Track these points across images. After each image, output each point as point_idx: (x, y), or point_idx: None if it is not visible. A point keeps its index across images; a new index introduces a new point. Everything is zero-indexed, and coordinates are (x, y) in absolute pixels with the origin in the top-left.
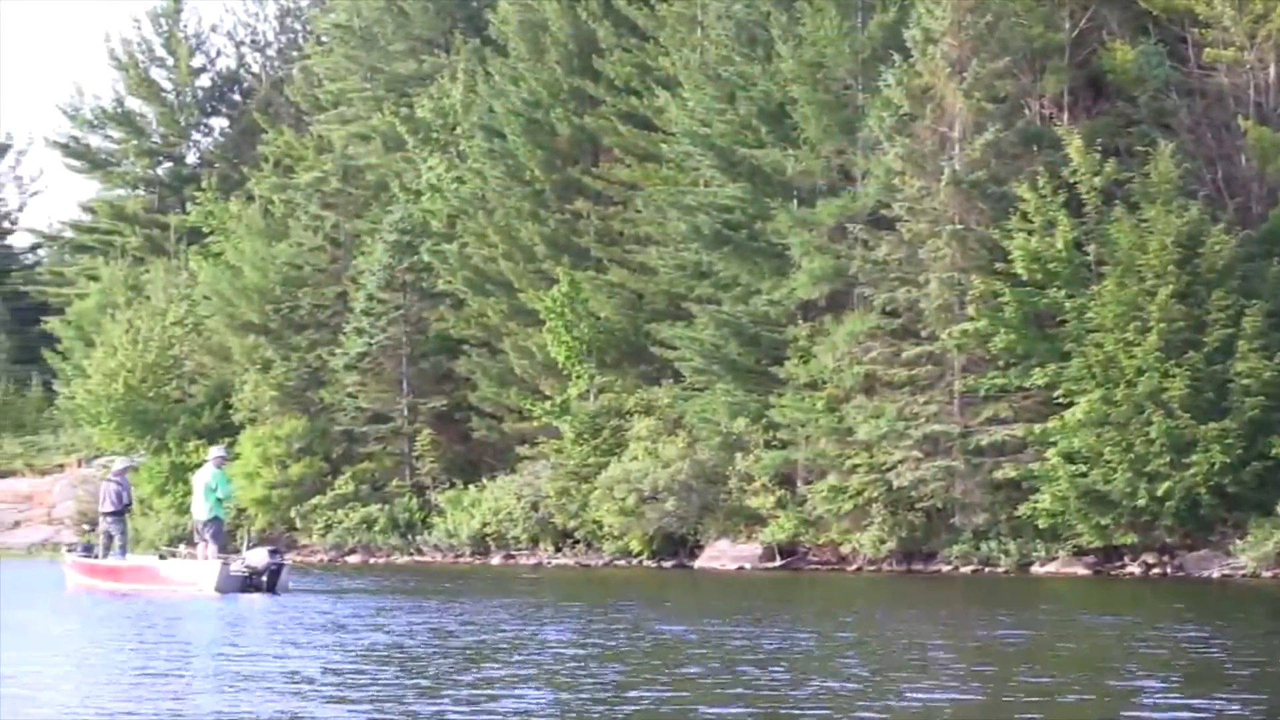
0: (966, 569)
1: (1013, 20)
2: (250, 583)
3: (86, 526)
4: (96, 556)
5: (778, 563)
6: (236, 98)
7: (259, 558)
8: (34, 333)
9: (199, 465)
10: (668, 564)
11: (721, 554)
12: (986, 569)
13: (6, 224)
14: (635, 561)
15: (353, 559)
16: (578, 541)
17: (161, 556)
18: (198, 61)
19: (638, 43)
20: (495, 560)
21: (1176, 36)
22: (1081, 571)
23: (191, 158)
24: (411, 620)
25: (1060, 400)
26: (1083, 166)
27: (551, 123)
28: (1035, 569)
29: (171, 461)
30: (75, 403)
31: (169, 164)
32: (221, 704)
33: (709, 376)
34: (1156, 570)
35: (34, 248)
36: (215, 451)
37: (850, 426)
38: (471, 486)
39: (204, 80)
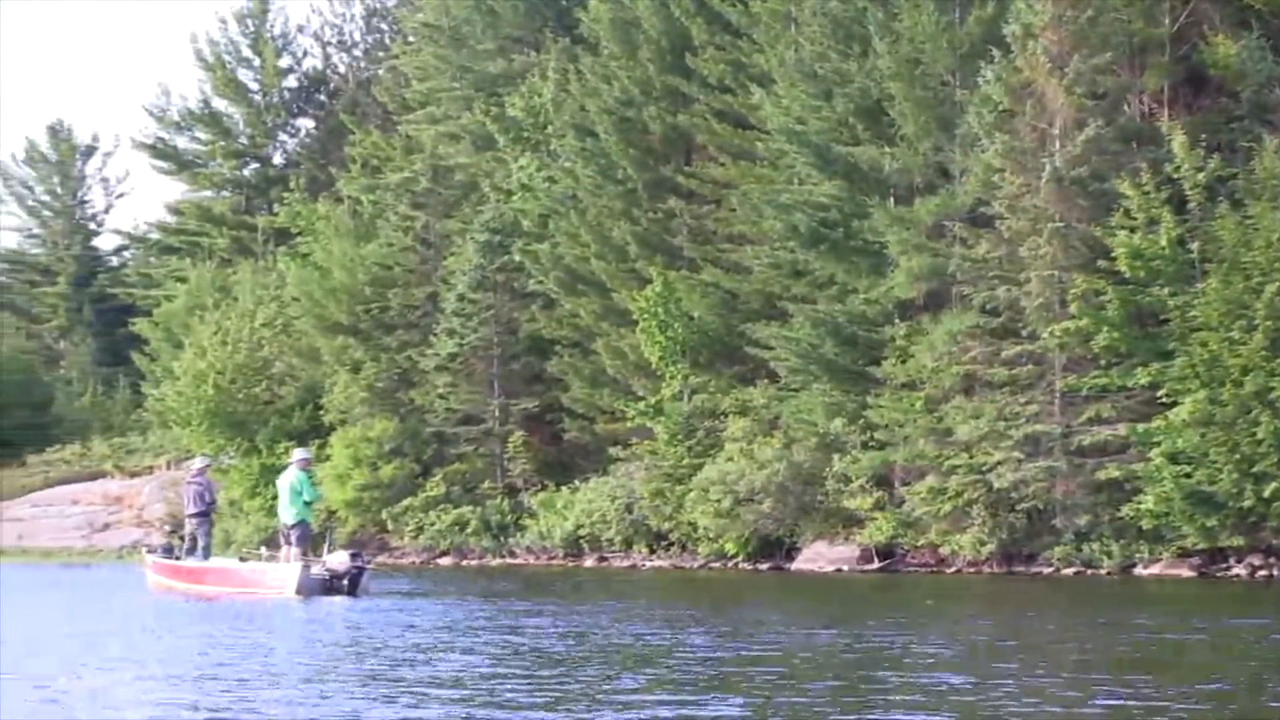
0: (1068, 571)
1: (1113, 15)
2: (331, 586)
3: (169, 528)
4: (177, 558)
5: (875, 565)
6: (323, 98)
7: (340, 561)
8: (121, 335)
9: (287, 468)
10: (764, 566)
11: (819, 556)
12: (1089, 571)
13: (93, 225)
14: (731, 564)
15: (444, 561)
16: (672, 544)
17: (242, 559)
18: (284, 62)
19: (731, 40)
20: (589, 562)
21: (1278, 31)
22: (1186, 573)
23: (278, 159)
24: (540, 623)
25: (1164, 400)
26: (1186, 162)
27: (644, 121)
28: (1138, 571)
29: (261, 463)
30: (165, 404)
31: (256, 165)
32: (373, 710)
33: (805, 376)
34: (1263, 572)
35: (120, 249)
36: (299, 454)
37: (949, 427)
38: (564, 488)
39: (290, 81)
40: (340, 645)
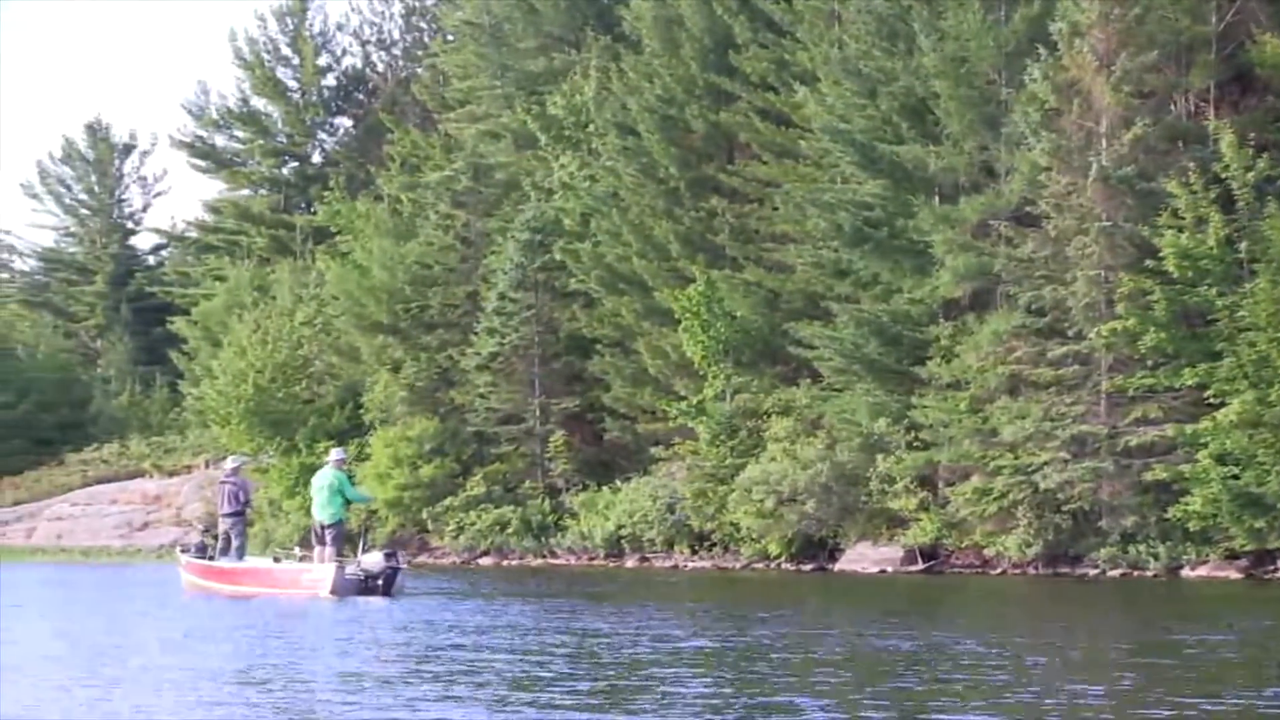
0: (1114, 573)
1: (1160, 13)
2: (366, 586)
3: (202, 528)
4: (211, 558)
5: (919, 566)
6: (362, 97)
7: (374, 561)
8: (158, 334)
9: (321, 467)
10: (807, 567)
11: (862, 557)
12: (1135, 572)
13: (130, 224)
14: (774, 565)
15: (484, 561)
16: (714, 544)
17: (276, 559)
18: (323, 60)
19: (774, 38)
20: (630, 563)
21: None
22: (1233, 575)
23: (317, 157)
24: (591, 625)
25: (1211, 400)
26: (1234, 162)
27: (686, 119)
28: (1185, 573)
29: (300, 462)
30: (205, 403)
31: (294, 164)
32: (455, 712)
33: (849, 376)
34: None
35: (157, 248)
36: (335, 454)
37: (994, 427)
38: (605, 488)
39: (329, 79)
40: (393, 647)
